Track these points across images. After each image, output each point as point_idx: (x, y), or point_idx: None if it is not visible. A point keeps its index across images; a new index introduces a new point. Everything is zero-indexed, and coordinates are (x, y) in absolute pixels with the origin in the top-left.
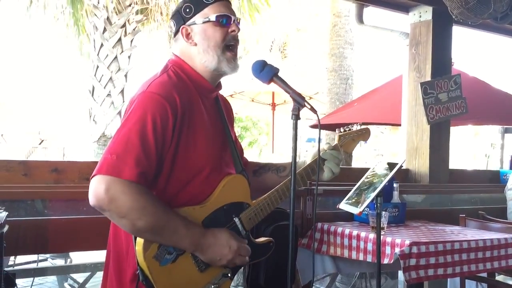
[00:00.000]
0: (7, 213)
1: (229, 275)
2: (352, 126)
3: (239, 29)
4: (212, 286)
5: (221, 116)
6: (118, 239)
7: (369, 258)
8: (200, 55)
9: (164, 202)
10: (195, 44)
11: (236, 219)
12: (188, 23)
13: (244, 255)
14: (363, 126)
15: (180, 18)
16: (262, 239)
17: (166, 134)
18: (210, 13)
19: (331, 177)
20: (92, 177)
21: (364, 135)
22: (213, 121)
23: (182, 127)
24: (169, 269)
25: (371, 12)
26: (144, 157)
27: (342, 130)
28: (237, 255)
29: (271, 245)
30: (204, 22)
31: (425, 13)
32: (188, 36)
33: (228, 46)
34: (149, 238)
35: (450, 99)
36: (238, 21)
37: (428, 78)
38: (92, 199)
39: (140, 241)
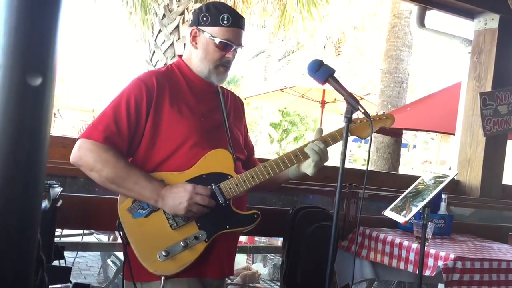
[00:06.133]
0: (61, 188)
1: (201, 237)
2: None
3: (234, 58)
4: (182, 243)
5: (220, 106)
6: None
7: (410, 268)
8: (196, 60)
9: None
10: (196, 48)
11: (214, 187)
12: (199, 28)
13: (202, 194)
14: (385, 112)
15: (197, 19)
16: (246, 211)
17: (139, 109)
18: (218, 35)
19: (313, 170)
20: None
21: (385, 121)
22: (205, 107)
23: (160, 103)
24: (141, 222)
25: (433, 15)
26: (114, 126)
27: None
28: (194, 194)
29: (255, 217)
30: (210, 38)
31: (491, 21)
32: (194, 38)
33: (222, 64)
34: (115, 189)
35: (509, 112)
36: (239, 49)
37: (488, 88)
38: (71, 158)
39: (120, 195)
